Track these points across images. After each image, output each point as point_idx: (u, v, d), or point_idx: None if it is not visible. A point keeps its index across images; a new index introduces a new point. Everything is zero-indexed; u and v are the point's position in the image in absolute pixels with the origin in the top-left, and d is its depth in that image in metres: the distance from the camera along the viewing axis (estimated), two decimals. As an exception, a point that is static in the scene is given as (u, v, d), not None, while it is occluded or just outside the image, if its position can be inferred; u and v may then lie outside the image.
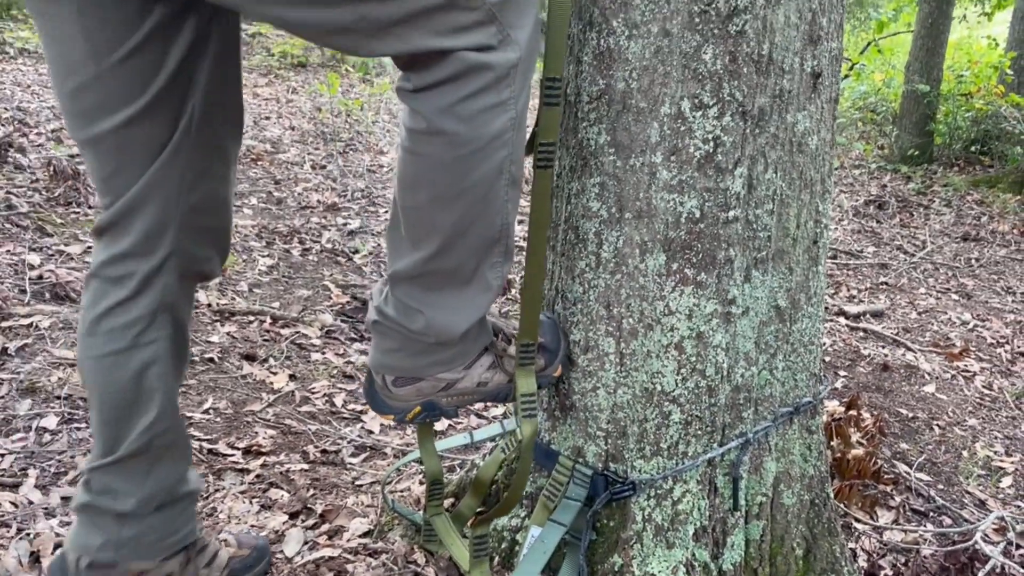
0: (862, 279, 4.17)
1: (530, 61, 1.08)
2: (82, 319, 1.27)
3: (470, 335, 1.27)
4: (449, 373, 1.30)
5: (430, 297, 1.20)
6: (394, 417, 1.35)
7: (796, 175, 1.31)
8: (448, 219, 1.13)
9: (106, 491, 1.29)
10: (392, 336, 1.25)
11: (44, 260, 2.74)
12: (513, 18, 1.04)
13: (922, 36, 6.02)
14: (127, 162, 1.18)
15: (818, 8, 1.23)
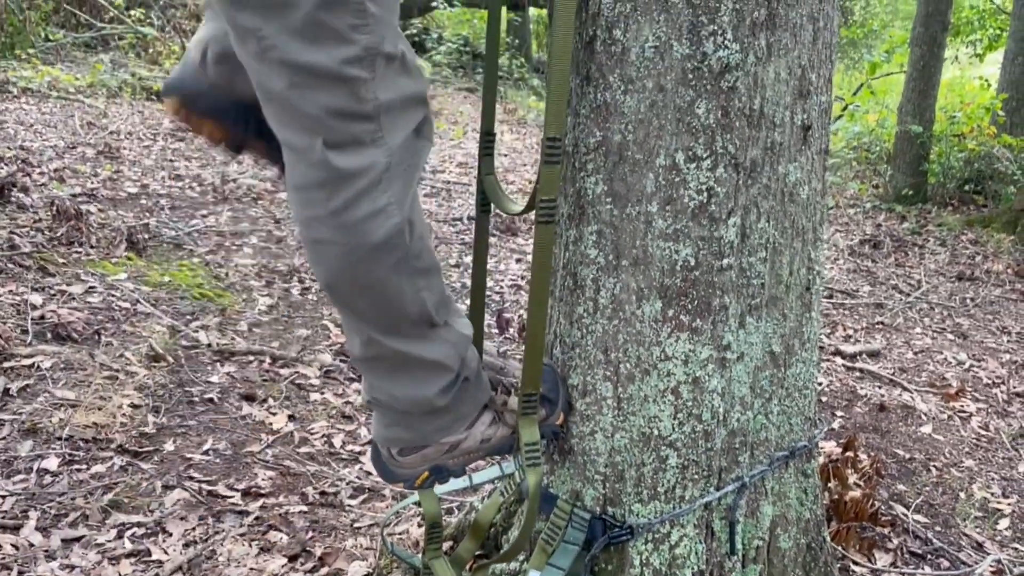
0: (858, 318, 4.20)
1: (404, 166, 1.10)
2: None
3: (463, 398, 1.30)
4: (451, 436, 1.33)
5: (385, 378, 1.26)
6: (404, 485, 1.38)
7: (788, 224, 1.35)
8: (358, 313, 1.18)
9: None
10: (385, 412, 1.29)
11: (46, 300, 2.76)
12: (392, 122, 1.07)
13: (914, 78, 6.12)
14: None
15: (807, 64, 1.28)
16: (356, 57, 1.00)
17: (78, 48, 9.66)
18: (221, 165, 5.47)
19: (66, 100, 6.88)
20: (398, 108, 1.07)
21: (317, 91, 1.01)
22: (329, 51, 0.99)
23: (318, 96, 1.01)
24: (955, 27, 10.72)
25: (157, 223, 3.89)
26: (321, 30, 0.98)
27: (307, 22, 0.97)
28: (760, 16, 1.19)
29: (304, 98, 1.01)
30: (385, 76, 1.04)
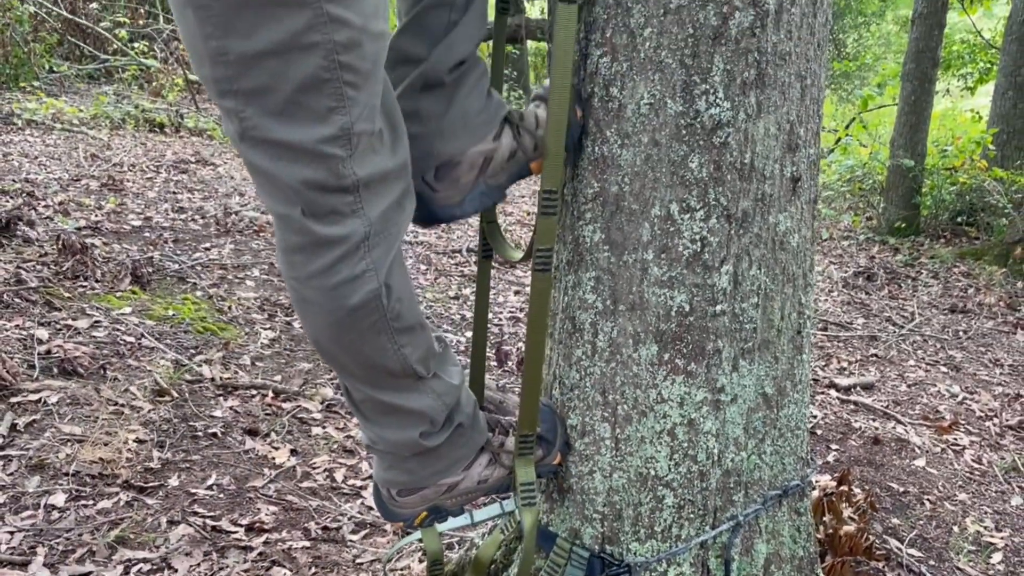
0: (852, 351, 4.25)
1: (383, 235, 1.16)
2: None
3: (458, 442, 1.36)
4: (449, 478, 1.38)
5: (374, 422, 1.31)
6: (403, 524, 1.42)
7: (779, 271, 1.40)
8: (343, 366, 1.25)
9: (402, 61, 1.30)
10: (383, 455, 1.34)
11: (52, 335, 2.80)
12: (371, 195, 1.13)
13: (906, 113, 6.23)
14: None
15: (795, 119, 1.34)
16: (332, 136, 1.06)
17: (82, 80, 9.77)
18: (223, 198, 5.53)
19: (70, 132, 6.96)
20: (377, 182, 1.13)
21: (296, 166, 1.07)
22: (307, 130, 1.05)
23: (297, 171, 1.07)
24: (946, 61, 10.89)
25: (161, 256, 3.95)
26: (299, 110, 1.04)
27: (286, 104, 1.03)
28: (750, 76, 1.26)
29: (284, 172, 1.07)
30: (363, 153, 1.10)
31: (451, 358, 1.35)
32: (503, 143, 1.33)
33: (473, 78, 1.31)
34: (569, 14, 1.24)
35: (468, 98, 1.30)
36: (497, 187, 1.38)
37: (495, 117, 1.34)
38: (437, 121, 1.29)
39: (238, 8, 0.97)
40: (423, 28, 1.26)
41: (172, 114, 8.15)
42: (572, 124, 1.32)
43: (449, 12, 1.25)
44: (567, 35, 1.24)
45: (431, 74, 1.27)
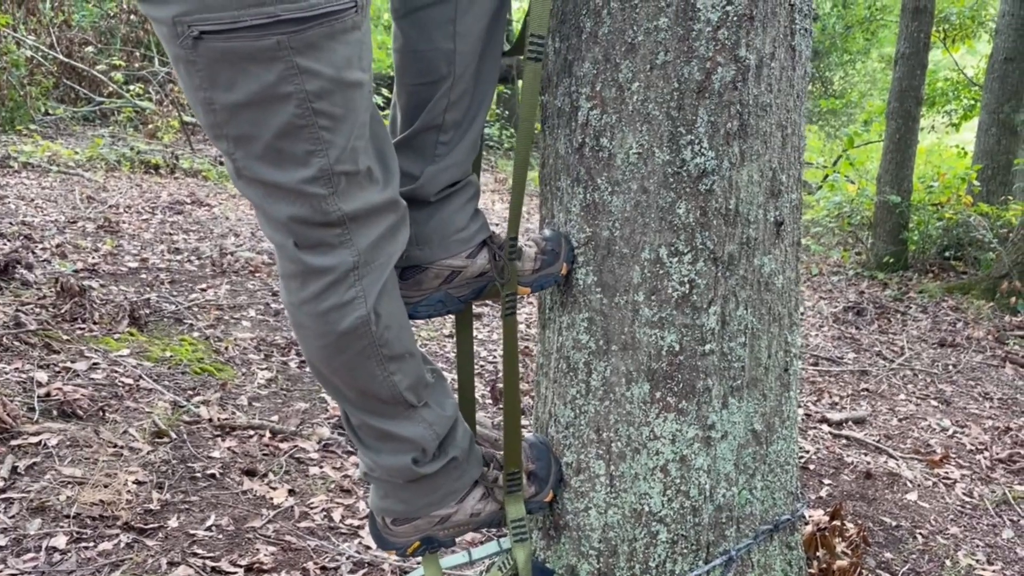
0: (843, 385, 4.29)
1: (373, 265, 1.23)
2: None
3: (452, 474, 1.40)
4: (442, 510, 1.42)
5: (368, 447, 1.37)
6: (396, 552, 1.46)
7: (765, 311, 1.45)
8: (336, 390, 1.31)
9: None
10: (380, 484, 1.39)
11: (51, 377, 2.83)
12: (360, 227, 1.20)
13: (891, 150, 6.35)
14: None
15: (778, 167, 1.40)
16: (313, 177, 1.13)
17: (77, 122, 9.87)
18: (219, 238, 5.58)
19: (66, 174, 7.02)
20: (365, 216, 1.20)
21: (282, 204, 1.15)
22: (289, 173, 1.13)
23: (284, 208, 1.15)
24: (930, 98, 11.09)
25: (158, 298, 3.98)
26: (281, 155, 1.12)
27: (267, 150, 1.11)
28: (733, 127, 1.32)
29: (274, 209, 1.16)
30: (348, 191, 1.17)
31: (445, 390, 1.40)
32: (476, 262, 1.42)
33: (461, 199, 1.40)
34: (535, 71, 1.31)
35: (451, 216, 1.39)
36: (458, 298, 1.45)
37: (473, 238, 1.42)
38: (415, 228, 1.36)
39: (218, 64, 1.05)
40: (413, 149, 1.35)
41: (167, 155, 8.23)
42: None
43: (437, 135, 1.35)
44: (532, 90, 1.33)
45: (420, 192, 1.36)
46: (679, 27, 1.28)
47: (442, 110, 1.33)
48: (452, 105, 1.33)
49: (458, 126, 1.35)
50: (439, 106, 1.33)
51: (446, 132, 1.35)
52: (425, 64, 1.30)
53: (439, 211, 1.38)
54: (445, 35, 1.29)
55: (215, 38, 1.02)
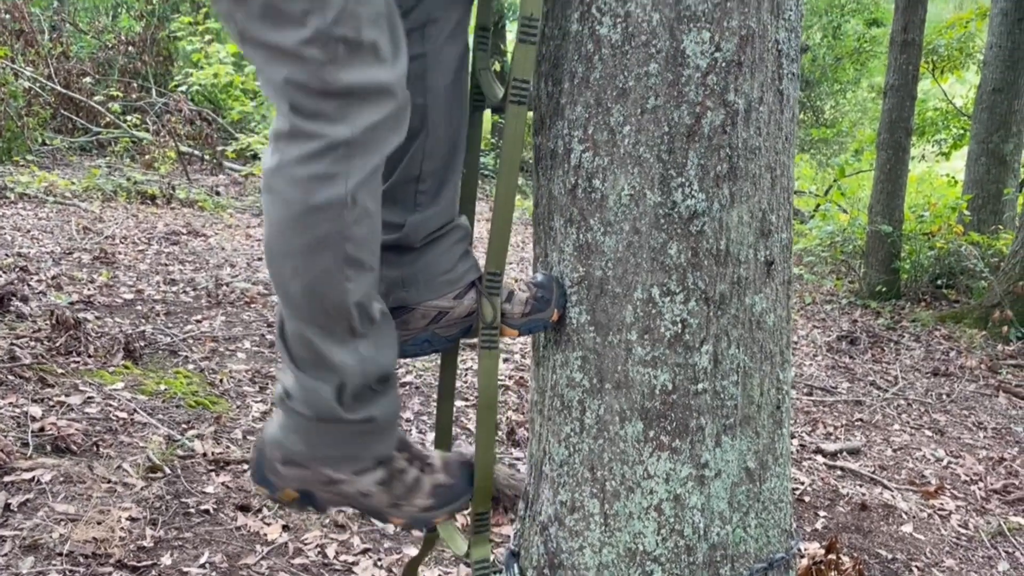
0: (838, 415, 4.30)
1: (363, 148, 1.17)
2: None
3: (361, 440, 1.32)
4: (335, 473, 1.33)
5: (294, 362, 1.27)
6: (267, 491, 1.36)
7: (757, 349, 1.46)
8: (283, 284, 1.21)
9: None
10: (289, 414, 1.29)
11: (46, 412, 2.82)
12: (357, 104, 1.16)
13: (882, 180, 6.41)
14: None
15: (767, 207, 1.42)
16: (309, 39, 1.11)
17: (74, 152, 9.92)
18: (214, 269, 5.60)
19: (62, 205, 7.05)
20: (367, 93, 1.16)
21: (282, 65, 1.13)
22: (287, 33, 1.11)
23: (282, 70, 1.13)
24: (920, 127, 11.21)
25: (153, 330, 3.99)
26: (278, 14, 1.11)
27: (264, 7, 1.10)
28: (723, 169, 1.34)
29: (273, 71, 1.14)
30: (349, 61, 1.13)
31: (390, 341, 1.33)
32: (464, 303, 1.41)
33: (448, 242, 1.40)
34: (518, 113, 1.34)
35: (437, 258, 1.38)
36: (445, 338, 1.44)
37: (461, 279, 1.41)
38: (401, 270, 1.37)
39: None
40: (394, 201, 1.35)
41: (164, 186, 8.26)
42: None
43: (416, 185, 1.35)
44: (516, 133, 1.35)
45: (405, 241, 1.36)
46: (669, 73, 1.30)
47: (419, 162, 1.33)
48: (428, 156, 1.33)
49: (436, 175, 1.36)
50: (415, 159, 1.33)
51: (424, 182, 1.35)
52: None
53: (425, 255, 1.38)
54: (416, 91, 1.29)
55: None
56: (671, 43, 1.29)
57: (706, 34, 1.29)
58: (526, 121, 1.38)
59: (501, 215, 1.40)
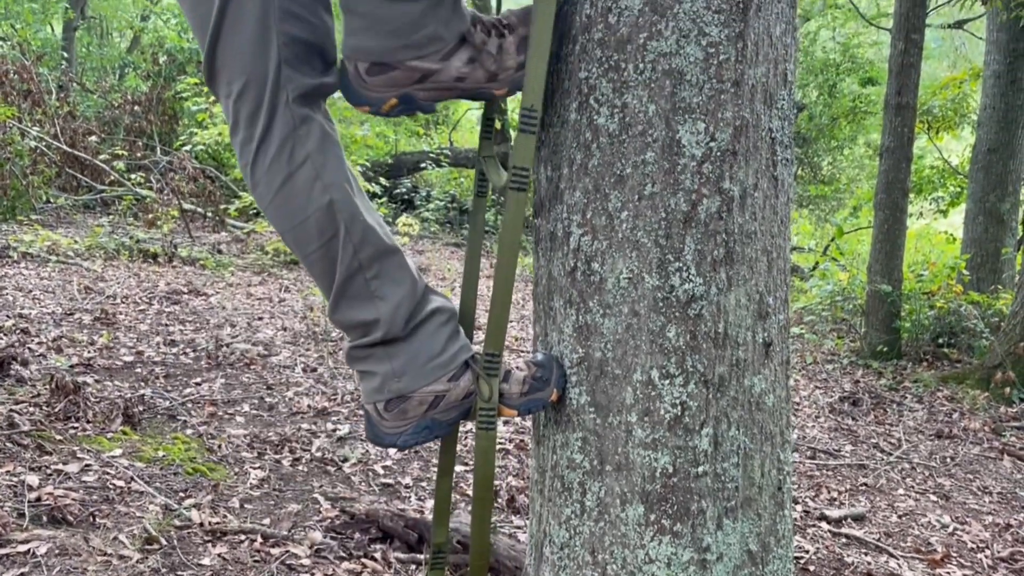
0: (841, 480, 4.26)
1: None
2: (247, 180, 1.33)
3: (441, 15, 1.28)
4: (423, 62, 1.30)
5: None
6: (369, 108, 1.34)
7: (757, 430, 1.46)
8: None
9: (353, 328, 1.34)
10: (360, 12, 1.26)
11: (43, 480, 2.80)
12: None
13: (880, 240, 6.45)
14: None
15: (764, 290, 1.43)
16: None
17: (78, 210, 10.00)
18: (215, 329, 5.60)
19: (65, 264, 7.08)
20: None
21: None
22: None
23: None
24: (917, 185, 11.33)
25: (152, 393, 3.97)
26: None
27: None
28: (719, 254, 1.36)
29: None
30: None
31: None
32: (460, 385, 1.41)
33: (433, 325, 1.40)
34: (518, 200, 1.36)
35: (425, 343, 1.39)
36: (446, 422, 1.45)
37: (454, 360, 1.42)
38: (393, 363, 1.38)
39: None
40: (354, 298, 1.36)
41: (166, 244, 8.31)
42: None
43: (363, 274, 1.35)
44: (516, 218, 1.38)
45: (391, 332, 1.36)
46: (665, 161, 1.33)
47: (352, 255, 1.33)
48: (360, 246, 1.33)
49: (377, 258, 1.36)
50: (347, 253, 1.32)
51: (370, 269, 1.35)
52: (315, 229, 1.31)
53: (412, 342, 1.39)
54: (319, 193, 1.30)
55: None
56: (667, 133, 1.32)
57: (701, 124, 1.32)
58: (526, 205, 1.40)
59: (499, 297, 1.41)
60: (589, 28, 1.35)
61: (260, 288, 7.60)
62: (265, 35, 1.26)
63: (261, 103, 1.28)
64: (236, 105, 1.30)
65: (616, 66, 1.33)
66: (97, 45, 19.05)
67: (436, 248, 11.25)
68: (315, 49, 1.33)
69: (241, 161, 1.33)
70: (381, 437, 1.44)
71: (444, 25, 1.28)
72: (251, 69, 1.27)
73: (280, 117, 1.29)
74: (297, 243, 1.34)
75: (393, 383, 1.38)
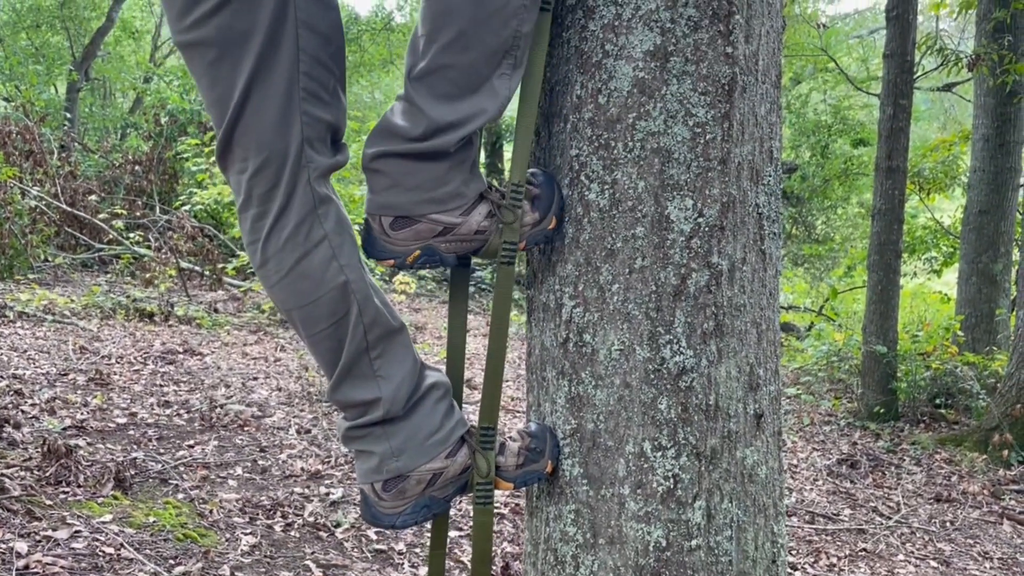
0: (840, 545, 4.21)
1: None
2: (252, 255, 1.33)
3: (462, 175, 1.34)
4: (445, 216, 1.35)
5: (436, 98, 1.29)
6: (394, 262, 1.37)
7: (750, 503, 1.46)
8: (469, 2, 1.24)
9: (352, 407, 1.34)
10: (386, 172, 1.32)
11: (31, 547, 2.76)
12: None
13: (874, 301, 6.48)
14: (228, 55, 1.26)
15: (754, 362, 1.45)
16: None
17: (75, 269, 10.04)
18: (209, 389, 5.58)
19: (60, 323, 7.08)
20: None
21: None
22: None
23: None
24: (910, 244, 11.43)
25: (144, 457, 3.94)
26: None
27: None
28: (709, 327, 1.38)
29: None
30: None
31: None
32: (457, 460, 1.42)
33: (430, 402, 1.41)
34: (508, 273, 1.39)
35: (422, 421, 1.39)
36: (443, 499, 1.45)
37: (451, 436, 1.42)
38: (391, 442, 1.38)
39: None
40: (358, 377, 1.37)
41: (163, 303, 8.32)
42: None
43: (368, 354, 1.36)
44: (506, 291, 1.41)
45: (391, 412, 1.37)
46: (655, 236, 1.36)
47: (362, 336, 1.34)
48: (370, 327, 1.35)
49: (384, 338, 1.37)
50: (357, 334, 1.34)
51: (376, 348, 1.36)
52: (327, 309, 1.32)
53: (410, 420, 1.39)
54: (334, 274, 1.32)
55: None
56: (656, 209, 1.35)
57: (689, 201, 1.35)
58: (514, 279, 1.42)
59: (492, 370, 1.42)
60: (580, 108, 1.39)
61: (255, 348, 7.59)
62: (289, 115, 1.29)
63: (280, 181, 1.30)
64: (251, 181, 1.32)
65: (606, 144, 1.37)
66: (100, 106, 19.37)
67: (433, 306, 11.28)
68: (333, 129, 1.37)
69: (250, 237, 1.34)
70: (380, 518, 1.43)
71: (465, 184, 1.36)
72: (272, 147, 1.29)
73: (300, 196, 1.31)
74: (305, 322, 1.34)
75: (392, 462, 1.37)
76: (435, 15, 1.26)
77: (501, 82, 1.30)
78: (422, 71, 1.28)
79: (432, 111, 1.27)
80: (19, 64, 17.22)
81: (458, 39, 1.25)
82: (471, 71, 1.27)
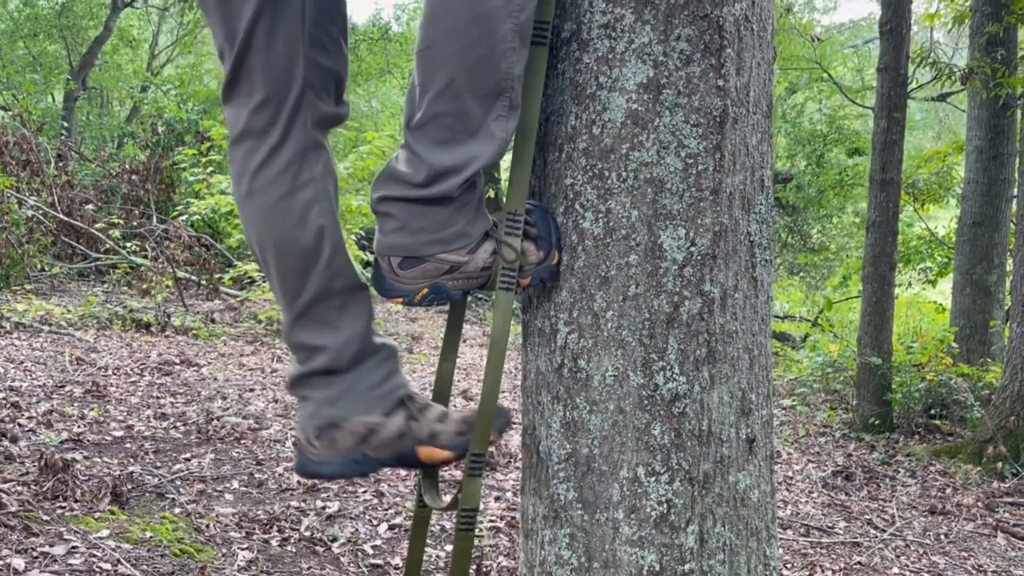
0: (836, 558, 4.22)
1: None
2: (238, 186, 1.35)
3: (467, 215, 1.36)
4: (452, 255, 1.37)
5: (435, 144, 1.31)
6: (403, 300, 1.40)
7: (743, 526, 1.48)
8: (455, 50, 1.26)
9: (301, 349, 1.36)
10: (393, 215, 1.35)
11: (28, 564, 2.77)
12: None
13: (869, 313, 6.51)
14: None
15: (746, 387, 1.47)
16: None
17: (72, 278, 10.04)
18: (206, 401, 5.59)
19: (57, 334, 7.09)
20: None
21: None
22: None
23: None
24: (904, 255, 11.47)
25: (141, 470, 3.95)
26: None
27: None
28: (702, 353, 1.40)
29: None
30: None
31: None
32: (392, 421, 1.42)
33: (375, 360, 1.44)
34: (507, 299, 1.40)
35: (364, 374, 1.42)
36: (377, 460, 1.45)
37: (390, 395, 1.43)
38: (330, 389, 1.40)
39: None
40: (314, 320, 1.40)
41: (159, 313, 8.33)
42: (499, 413, 1.46)
43: (328, 301, 1.40)
44: (504, 319, 1.42)
45: (334, 364, 1.40)
46: (648, 264, 1.38)
47: (327, 281, 1.38)
48: (336, 275, 1.38)
49: (348, 290, 1.40)
50: (323, 278, 1.38)
51: (337, 298, 1.40)
52: (299, 248, 1.36)
53: (351, 373, 1.41)
54: (315, 216, 1.37)
55: None
56: (649, 237, 1.37)
57: (682, 230, 1.37)
58: (513, 304, 1.44)
59: (488, 394, 1.43)
60: (574, 138, 1.42)
61: (252, 358, 7.60)
62: (294, 57, 1.35)
63: (278, 118, 1.35)
64: (251, 115, 1.36)
65: (600, 174, 1.39)
66: (97, 115, 19.39)
67: (429, 315, 11.28)
68: (335, 79, 1.42)
69: (238, 167, 1.39)
70: (307, 466, 1.44)
71: (470, 223, 1.38)
72: (275, 84, 1.35)
73: (295, 136, 1.36)
74: (277, 256, 1.38)
75: (326, 409, 1.39)
76: (426, 65, 1.29)
77: (498, 124, 1.32)
78: (419, 121, 1.31)
79: (431, 157, 1.30)
80: (16, 73, 17.24)
81: (448, 87, 1.28)
82: (465, 116, 1.30)
